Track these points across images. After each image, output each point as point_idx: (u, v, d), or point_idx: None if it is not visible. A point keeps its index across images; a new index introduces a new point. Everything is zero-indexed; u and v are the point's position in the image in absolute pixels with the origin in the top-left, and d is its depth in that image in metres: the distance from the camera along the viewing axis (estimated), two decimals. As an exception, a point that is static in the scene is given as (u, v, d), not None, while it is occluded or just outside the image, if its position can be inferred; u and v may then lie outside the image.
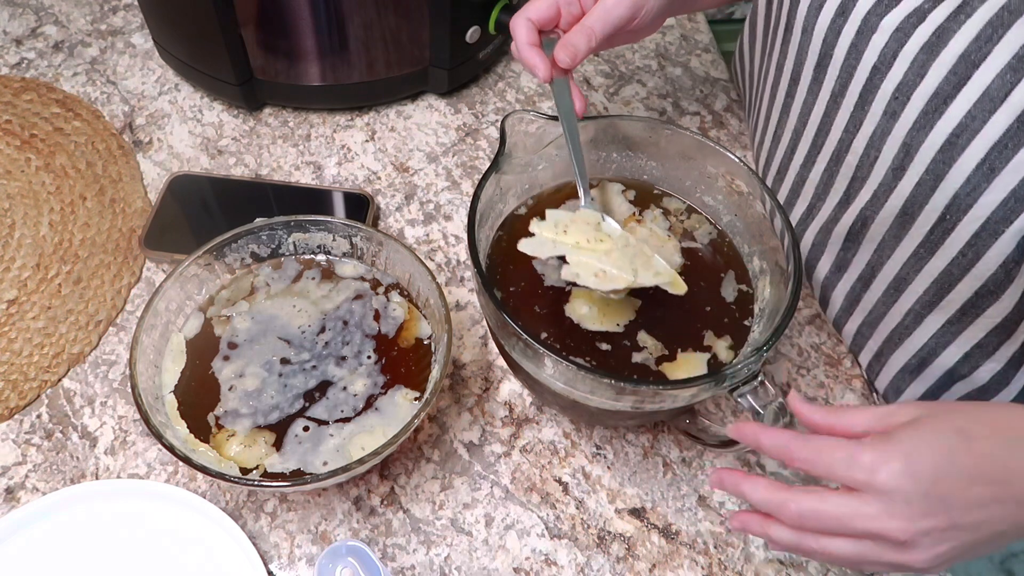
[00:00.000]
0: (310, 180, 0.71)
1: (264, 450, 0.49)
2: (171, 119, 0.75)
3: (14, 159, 0.70)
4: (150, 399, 0.48)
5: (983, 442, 0.38)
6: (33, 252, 0.64)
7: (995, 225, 0.46)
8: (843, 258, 0.59)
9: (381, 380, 0.52)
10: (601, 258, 0.49)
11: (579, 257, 0.49)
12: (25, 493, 0.53)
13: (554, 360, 0.44)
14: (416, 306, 0.56)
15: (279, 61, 0.70)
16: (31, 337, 0.59)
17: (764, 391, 0.45)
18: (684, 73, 0.82)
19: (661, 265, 0.49)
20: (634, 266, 0.48)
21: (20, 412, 0.57)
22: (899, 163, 0.50)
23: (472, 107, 0.77)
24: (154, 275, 0.64)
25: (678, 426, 0.57)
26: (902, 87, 0.48)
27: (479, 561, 0.52)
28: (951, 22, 0.46)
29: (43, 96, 0.75)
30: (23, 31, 0.82)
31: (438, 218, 0.69)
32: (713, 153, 0.54)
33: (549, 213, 0.51)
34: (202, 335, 0.54)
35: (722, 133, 0.77)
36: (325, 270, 0.57)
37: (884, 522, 0.37)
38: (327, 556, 0.50)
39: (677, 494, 0.55)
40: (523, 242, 0.50)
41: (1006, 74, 0.43)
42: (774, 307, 0.50)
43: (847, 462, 0.38)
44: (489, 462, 0.56)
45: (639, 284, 0.48)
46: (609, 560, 0.52)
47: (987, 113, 0.44)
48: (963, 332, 0.53)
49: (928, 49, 0.46)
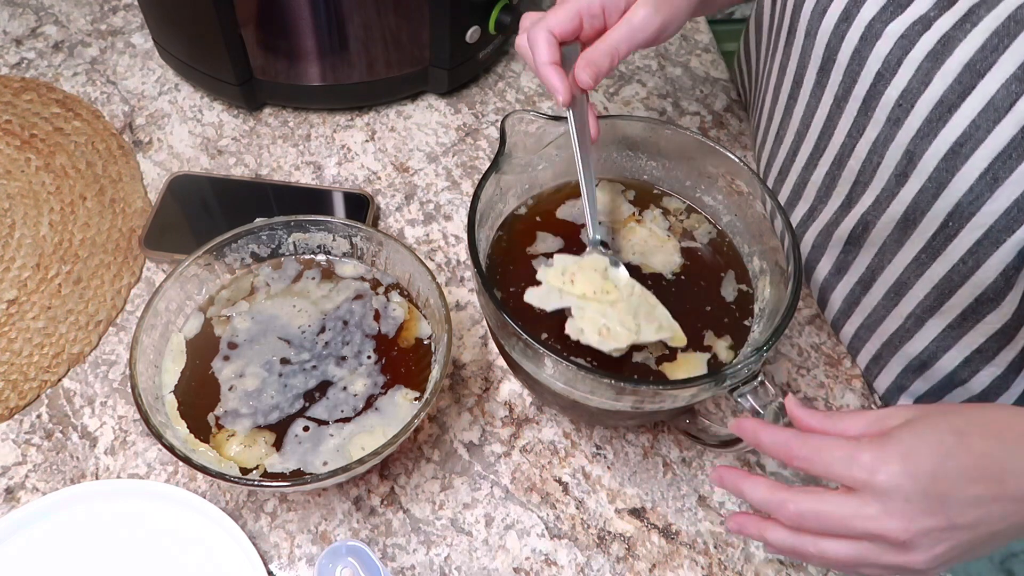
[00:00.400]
0: (310, 180, 0.71)
1: (264, 450, 0.49)
2: (171, 119, 0.75)
3: (14, 159, 0.70)
4: (150, 399, 0.48)
5: (980, 441, 0.38)
6: (33, 252, 0.64)
7: (997, 234, 0.46)
8: (843, 261, 0.59)
9: (381, 380, 0.52)
10: (606, 311, 0.48)
11: (585, 312, 0.48)
12: (25, 493, 0.53)
13: (554, 360, 0.44)
14: (416, 306, 0.56)
15: (279, 61, 0.70)
16: (31, 337, 0.59)
17: (764, 391, 0.45)
18: (684, 73, 0.82)
19: (664, 317, 0.49)
20: (638, 320, 0.48)
21: (20, 412, 0.57)
22: (902, 170, 0.50)
23: (472, 107, 0.77)
24: (154, 275, 0.64)
25: (678, 426, 0.57)
26: (906, 94, 0.48)
27: (479, 561, 0.52)
28: (957, 31, 0.45)
29: (43, 96, 0.75)
30: (23, 31, 0.82)
31: (438, 218, 0.69)
32: (713, 153, 0.54)
33: (557, 259, 0.50)
34: (202, 335, 0.54)
35: (722, 133, 0.77)
36: (325, 270, 0.57)
37: (883, 522, 0.37)
38: (327, 556, 0.50)
39: (677, 494, 0.55)
40: (530, 292, 0.49)
41: (1011, 84, 0.43)
42: (774, 307, 0.50)
43: (846, 461, 0.38)
44: (489, 462, 0.56)
45: (641, 341, 0.48)
46: (609, 560, 0.52)
47: (991, 123, 0.44)
48: (963, 337, 0.53)
49: (933, 57, 0.46)
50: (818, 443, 0.40)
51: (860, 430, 0.40)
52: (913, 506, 0.37)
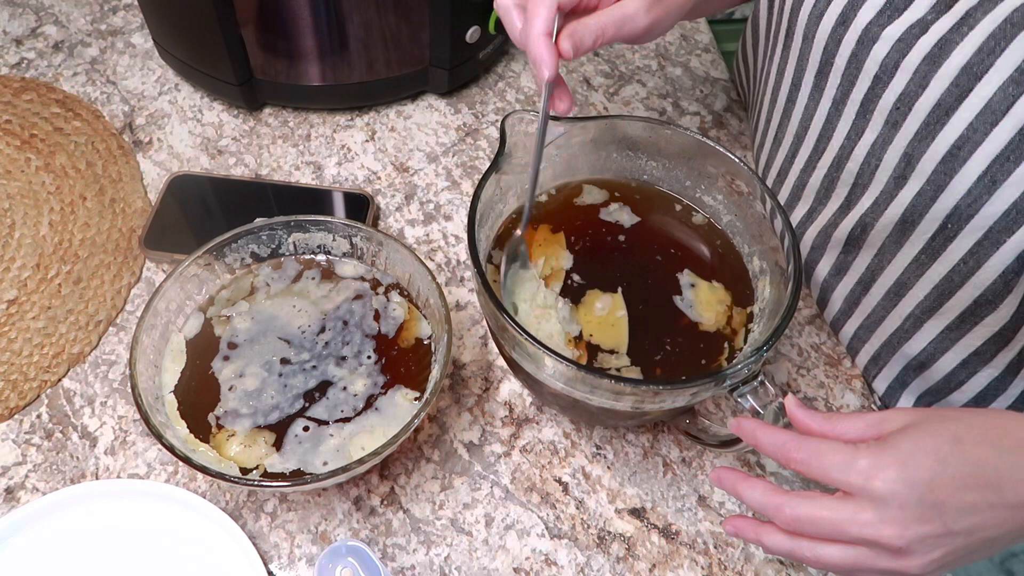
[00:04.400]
0: (310, 180, 0.71)
1: (264, 450, 0.49)
2: (171, 119, 0.75)
3: (14, 159, 0.70)
4: (150, 399, 0.48)
5: (976, 448, 0.39)
6: (33, 252, 0.64)
7: (996, 236, 0.46)
8: (843, 261, 0.59)
9: (381, 380, 0.52)
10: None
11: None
12: (25, 493, 0.53)
13: (554, 360, 0.44)
14: (416, 306, 0.56)
15: (279, 61, 0.70)
16: (31, 337, 0.59)
17: (764, 391, 0.45)
18: (684, 73, 0.82)
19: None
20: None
21: (20, 412, 0.57)
22: (900, 172, 0.50)
23: (472, 107, 0.77)
24: (154, 275, 0.64)
25: (678, 426, 0.57)
26: (903, 98, 0.48)
27: (479, 561, 0.52)
28: (953, 34, 0.45)
29: (43, 96, 0.75)
30: (23, 31, 0.82)
31: (438, 218, 0.69)
32: (713, 153, 0.54)
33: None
34: (202, 335, 0.54)
35: (722, 133, 0.77)
36: (325, 270, 0.57)
37: (879, 528, 0.37)
38: (327, 556, 0.50)
39: (677, 494, 0.55)
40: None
41: (1008, 87, 0.43)
42: (774, 307, 0.50)
43: (843, 466, 0.38)
44: (489, 462, 0.56)
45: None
46: (609, 560, 0.52)
47: (989, 126, 0.44)
48: (961, 339, 0.53)
49: (930, 60, 0.46)
50: (815, 446, 0.40)
51: (858, 433, 0.40)
52: (909, 513, 0.37)
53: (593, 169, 0.58)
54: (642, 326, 0.52)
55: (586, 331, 0.52)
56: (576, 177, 0.58)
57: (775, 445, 0.41)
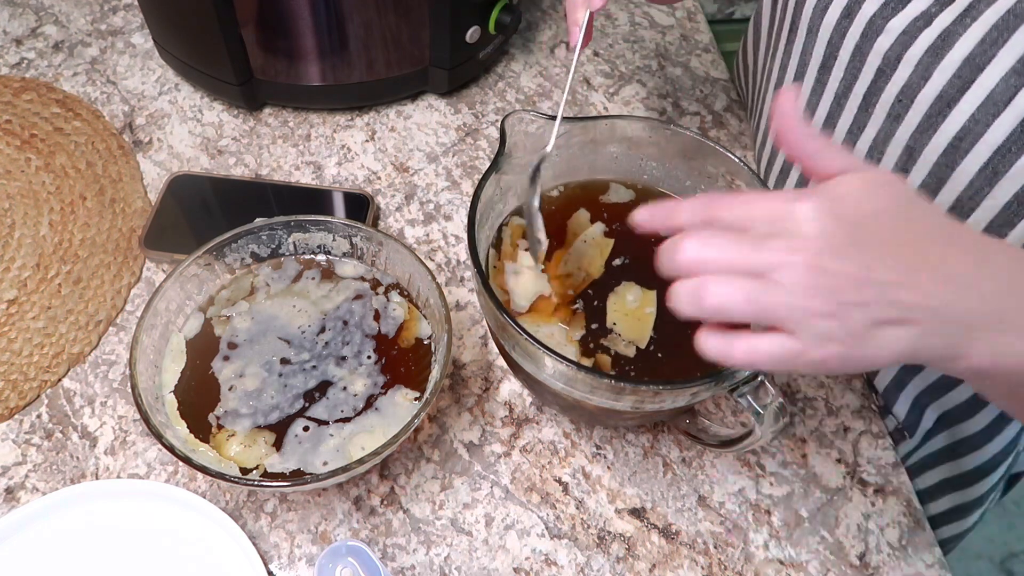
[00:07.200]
0: (310, 180, 0.71)
1: (264, 450, 0.49)
2: (171, 119, 0.75)
3: (14, 159, 0.70)
4: (150, 399, 0.48)
5: (919, 212, 0.34)
6: (33, 252, 0.64)
7: (997, 228, 0.46)
8: None
9: (381, 380, 0.52)
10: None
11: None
12: (25, 493, 0.53)
13: (554, 360, 0.44)
14: (416, 306, 0.56)
15: (279, 61, 0.70)
16: (31, 337, 0.59)
17: (764, 391, 0.45)
18: (684, 73, 0.82)
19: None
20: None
21: (20, 412, 0.57)
22: (902, 166, 0.50)
23: (472, 107, 0.77)
24: (154, 275, 0.64)
25: (678, 426, 0.57)
26: (906, 90, 0.48)
27: (479, 561, 0.52)
28: (957, 25, 0.45)
29: (43, 96, 0.75)
30: (23, 31, 0.82)
31: (438, 218, 0.69)
32: (713, 153, 0.54)
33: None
34: (202, 335, 0.54)
35: (722, 133, 0.77)
36: (325, 270, 0.57)
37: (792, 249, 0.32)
38: (327, 556, 0.50)
39: (677, 494, 0.55)
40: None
41: (1011, 78, 0.43)
42: (774, 307, 0.50)
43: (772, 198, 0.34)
44: (489, 462, 0.56)
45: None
46: (609, 560, 0.52)
47: (991, 117, 0.44)
48: None
49: (933, 52, 0.46)
50: (747, 196, 0.35)
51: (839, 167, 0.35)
52: (828, 242, 0.32)
53: (593, 169, 0.58)
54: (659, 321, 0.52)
55: (610, 319, 0.51)
56: (575, 177, 0.58)
57: (695, 208, 0.35)
